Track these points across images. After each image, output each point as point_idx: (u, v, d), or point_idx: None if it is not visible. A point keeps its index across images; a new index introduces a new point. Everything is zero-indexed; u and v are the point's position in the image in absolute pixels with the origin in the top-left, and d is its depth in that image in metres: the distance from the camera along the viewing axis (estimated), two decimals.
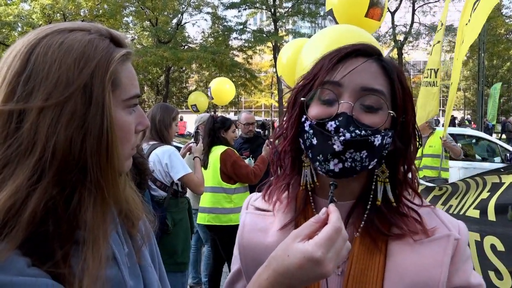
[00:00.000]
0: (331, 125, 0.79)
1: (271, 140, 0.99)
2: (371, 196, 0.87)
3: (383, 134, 0.80)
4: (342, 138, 0.77)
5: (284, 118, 0.92)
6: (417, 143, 0.89)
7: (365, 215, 0.86)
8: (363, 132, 0.78)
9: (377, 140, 0.79)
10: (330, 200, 0.77)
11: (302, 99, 0.86)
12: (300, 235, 0.71)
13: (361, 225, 0.86)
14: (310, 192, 0.91)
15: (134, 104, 0.76)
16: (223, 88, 10.18)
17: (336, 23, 3.76)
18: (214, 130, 3.93)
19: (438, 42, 4.67)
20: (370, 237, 0.85)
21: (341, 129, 0.78)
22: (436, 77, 4.62)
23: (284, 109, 0.96)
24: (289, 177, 0.94)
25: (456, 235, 0.84)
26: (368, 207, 0.86)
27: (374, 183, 0.87)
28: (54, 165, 0.64)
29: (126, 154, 0.76)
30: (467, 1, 3.63)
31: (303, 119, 0.85)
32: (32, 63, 0.66)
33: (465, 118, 31.09)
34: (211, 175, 3.85)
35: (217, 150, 3.85)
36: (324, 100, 0.83)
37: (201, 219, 3.89)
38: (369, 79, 0.82)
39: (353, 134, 0.78)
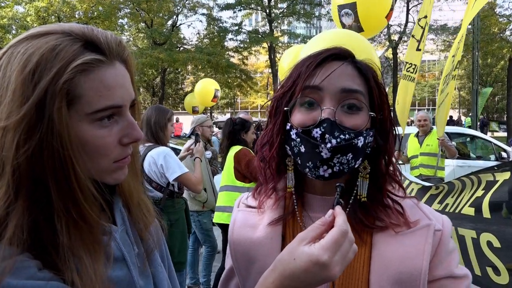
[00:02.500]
0: (317, 132, 0.81)
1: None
2: (355, 191, 0.89)
3: (365, 134, 0.83)
4: (329, 145, 0.80)
5: (268, 126, 0.94)
6: (395, 136, 0.92)
7: (348, 209, 0.88)
8: (347, 136, 0.81)
9: (360, 142, 0.82)
10: (336, 202, 0.77)
11: (285, 108, 0.88)
12: (306, 238, 0.71)
13: None
14: (294, 196, 0.93)
15: (108, 116, 0.70)
16: (208, 89, 10.19)
17: (356, 17, 3.78)
18: (234, 132, 3.93)
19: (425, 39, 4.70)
20: (354, 230, 0.86)
21: (327, 135, 0.80)
22: (415, 73, 4.65)
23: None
24: (276, 180, 0.97)
25: (437, 225, 0.86)
26: (350, 201, 0.89)
27: (358, 179, 0.89)
28: (24, 185, 0.63)
29: (106, 169, 0.73)
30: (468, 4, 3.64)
31: (288, 127, 0.87)
32: None
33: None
34: (226, 174, 3.87)
35: (233, 150, 3.87)
36: (306, 106, 0.85)
37: (217, 218, 3.90)
38: (347, 81, 0.84)
39: (338, 140, 0.80)
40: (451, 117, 25.27)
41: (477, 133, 9.33)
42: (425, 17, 4.43)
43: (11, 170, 0.62)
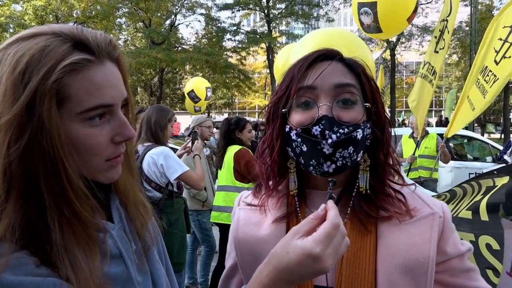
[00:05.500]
0: (316, 129, 0.83)
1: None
2: (357, 184, 0.91)
3: (362, 127, 0.86)
4: (330, 140, 0.82)
5: (267, 133, 0.96)
6: (390, 129, 0.95)
7: (351, 202, 0.91)
8: (346, 130, 0.83)
9: (359, 134, 0.85)
10: (328, 197, 0.79)
11: (283, 110, 0.90)
12: (299, 231, 0.72)
13: (348, 211, 0.91)
14: (296, 198, 0.95)
15: (100, 115, 0.71)
16: (201, 88, 10.29)
17: (375, 17, 3.75)
18: (229, 132, 3.97)
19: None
20: (359, 221, 0.89)
21: (326, 132, 0.82)
22: (432, 75, 4.60)
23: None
24: (278, 183, 0.99)
25: (439, 213, 0.89)
26: (354, 194, 0.91)
27: (359, 173, 0.92)
28: (15, 185, 0.63)
29: (98, 168, 0.73)
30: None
31: (287, 129, 0.90)
32: None
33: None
34: (225, 174, 3.88)
35: (232, 150, 3.88)
36: (302, 106, 0.87)
37: (214, 217, 3.90)
38: (340, 77, 0.87)
39: (338, 134, 0.83)
40: (446, 118, 25.28)
41: (474, 135, 9.37)
42: (443, 20, 4.33)
43: (2, 169, 0.63)
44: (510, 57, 3.25)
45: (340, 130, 0.83)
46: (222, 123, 4.11)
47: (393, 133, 0.96)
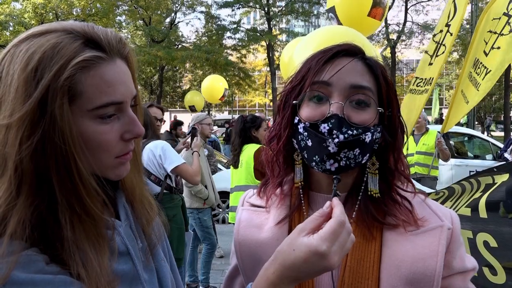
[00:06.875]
0: (324, 127, 0.82)
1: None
2: (363, 187, 0.90)
3: (372, 130, 0.84)
4: (336, 140, 0.80)
5: (277, 120, 0.95)
6: (404, 134, 0.92)
7: (357, 204, 0.89)
8: (354, 131, 0.81)
9: (368, 137, 0.83)
10: (333, 194, 0.78)
11: (294, 102, 0.89)
12: (305, 229, 0.72)
13: (354, 214, 0.89)
14: (301, 190, 0.94)
15: (110, 113, 0.71)
16: (215, 85, 10.40)
17: (338, 20, 3.79)
18: (245, 130, 3.93)
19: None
20: (364, 224, 0.87)
21: (334, 131, 0.81)
22: (427, 85, 4.55)
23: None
24: (283, 175, 0.97)
25: (448, 225, 0.86)
26: (359, 197, 0.89)
27: (366, 175, 0.90)
28: (26, 182, 0.64)
29: (107, 164, 0.74)
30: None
31: (296, 121, 0.88)
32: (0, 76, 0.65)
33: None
34: (244, 173, 3.82)
35: (250, 149, 3.82)
36: (314, 100, 0.85)
37: (233, 218, 3.85)
38: (357, 77, 0.84)
39: (346, 135, 0.81)
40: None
41: (475, 132, 9.37)
42: (441, 31, 4.28)
43: (13, 166, 0.63)
44: (499, 47, 3.18)
45: (349, 132, 0.81)
46: (237, 121, 4.09)
47: (406, 129, 0.92)
